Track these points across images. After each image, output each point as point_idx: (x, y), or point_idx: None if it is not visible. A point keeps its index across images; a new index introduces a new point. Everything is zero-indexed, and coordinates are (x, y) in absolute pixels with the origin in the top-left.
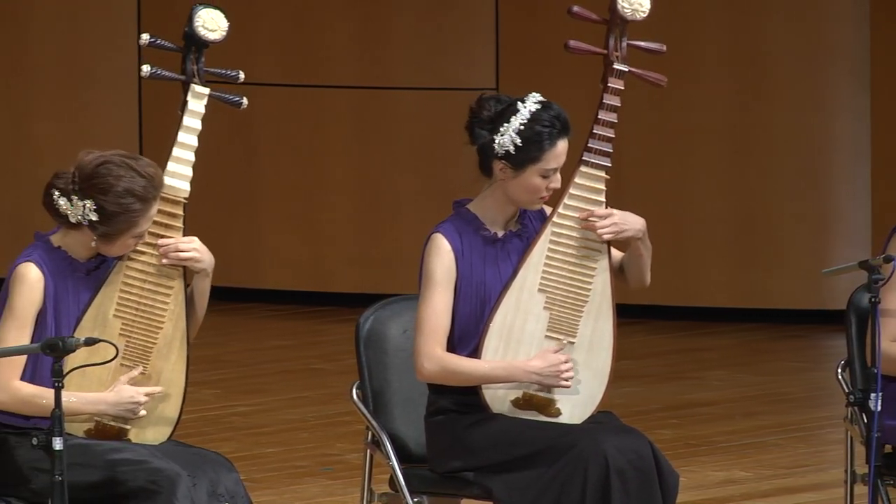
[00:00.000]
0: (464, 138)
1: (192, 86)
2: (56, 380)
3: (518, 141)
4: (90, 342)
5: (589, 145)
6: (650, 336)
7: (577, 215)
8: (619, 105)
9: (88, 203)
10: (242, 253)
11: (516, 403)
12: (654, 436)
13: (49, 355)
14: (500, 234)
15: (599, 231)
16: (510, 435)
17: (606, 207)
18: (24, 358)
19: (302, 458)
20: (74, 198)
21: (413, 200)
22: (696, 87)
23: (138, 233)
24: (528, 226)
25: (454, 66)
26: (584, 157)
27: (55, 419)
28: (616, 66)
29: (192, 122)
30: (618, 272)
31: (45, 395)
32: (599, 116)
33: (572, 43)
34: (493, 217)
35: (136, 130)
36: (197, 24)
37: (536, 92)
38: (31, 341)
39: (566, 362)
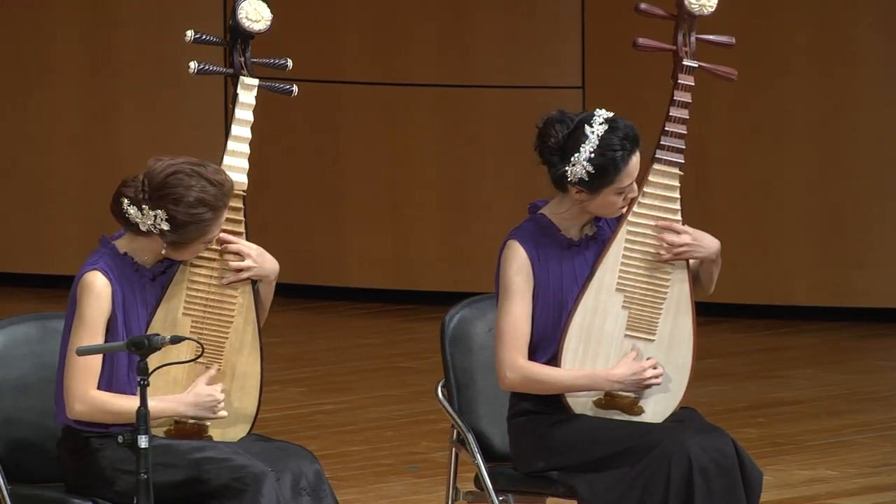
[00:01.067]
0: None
1: (241, 78)
2: (141, 378)
3: (591, 169)
4: (175, 340)
5: (661, 143)
6: (735, 335)
7: (652, 213)
8: (689, 101)
9: (160, 213)
10: (328, 251)
11: (598, 404)
12: (738, 434)
13: (134, 353)
14: (576, 238)
15: (673, 252)
16: (593, 434)
17: (683, 223)
18: (99, 367)
19: (387, 457)
20: (145, 207)
21: (499, 198)
22: (784, 86)
23: (209, 239)
24: (603, 228)
25: (540, 65)
26: (657, 155)
27: (140, 417)
28: (685, 62)
29: (243, 114)
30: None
31: (122, 402)
32: (671, 114)
33: (641, 40)
34: (569, 223)
35: (222, 129)
36: (240, 15)
37: (619, 92)
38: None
39: (652, 368)
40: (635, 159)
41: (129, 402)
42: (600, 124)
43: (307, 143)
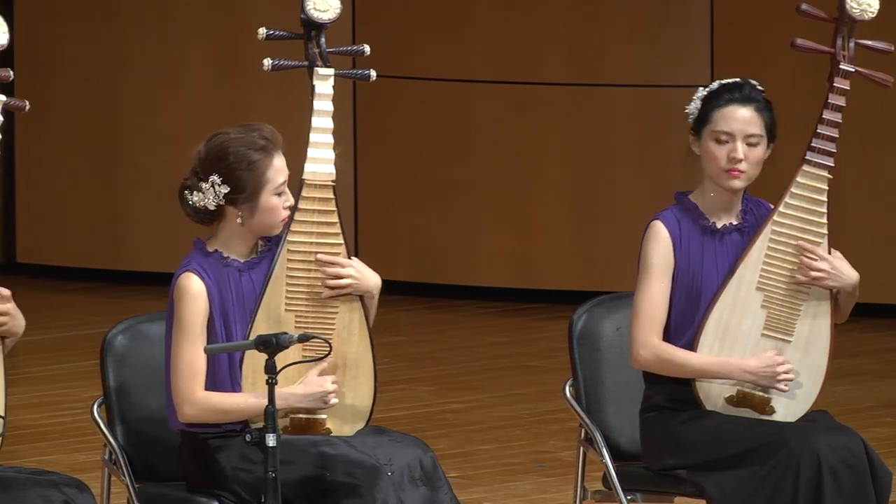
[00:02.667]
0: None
1: (316, 69)
2: (269, 376)
3: (698, 104)
4: (304, 338)
5: (812, 144)
6: (866, 333)
7: (798, 214)
8: (843, 105)
9: (213, 177)
10: (456, 250)
11: (730, 401)
12: (869, 434)
13: (262, 352)
14: (720, 224)
15: (809, 276)
16: (723, 433)
17: (830, 251)
18: (204, 368)
19: (515, 455)
20: (202, 184)
21: (627, 198)
22: None
23: (275, 188)
24: (749, 220)
25: (669, 63)
26: (806, 157)
27: (268, 415)
28: (843, 66)
29: (323, 104)
30: None
31: (230, 400)
32: (824, 116)
33: (799, 41)
34: (713, 207)
35: (348, 126)
36: (308, 6)
37: None
38: None
39: (783, 364)
40: (739, 111)
41: (237, 400)
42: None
43: (435, 142)
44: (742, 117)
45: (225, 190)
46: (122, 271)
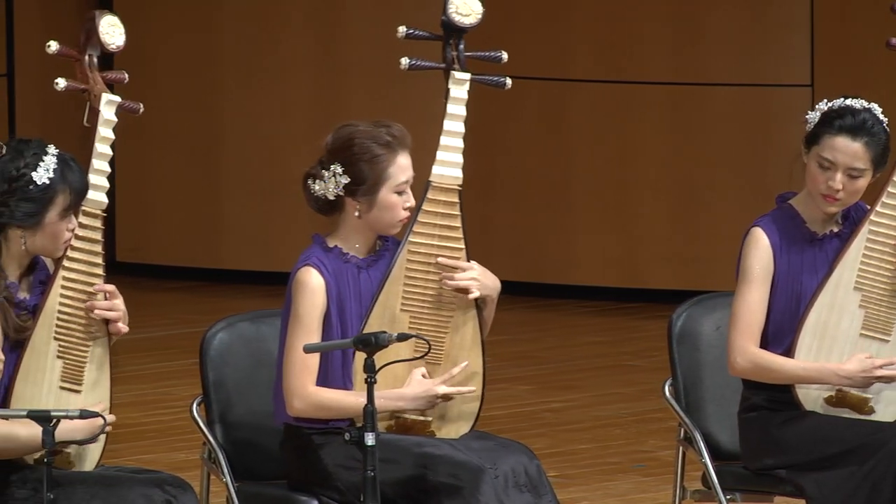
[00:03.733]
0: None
1: (453, 73)
2: (368, 375)
3: (816, 117)
4: (403, 338)
5: None
6: None
7: (895, 213)
8: None
9: (335, 167)
10: (556, 249)
11: (829, 401)
12: None
13: (361, 351)
14: (820, 233)
15: None
16: (822, 433)
17: None
18: (317, 363)
19: (614, 455)
20: (324, 172)
21: (728, 198)
22: None
23: (395, 185)
24: (847, 225)
25: (769, 63)
26: None
27: (367, 414)
28: None
29: (456, 109)
30: None
31: (340, 397)
32: None
33: (894, 41)
34: (814, 215)
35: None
36: (451, 10)
37: (847, 90)
38: None
39: (881, 367)
40: (849, 144)
41: (347, 397)
42: (853, 100)
43: (535, 142)
44: (848, 150)
45: (345, 180)
46: (221, 270)
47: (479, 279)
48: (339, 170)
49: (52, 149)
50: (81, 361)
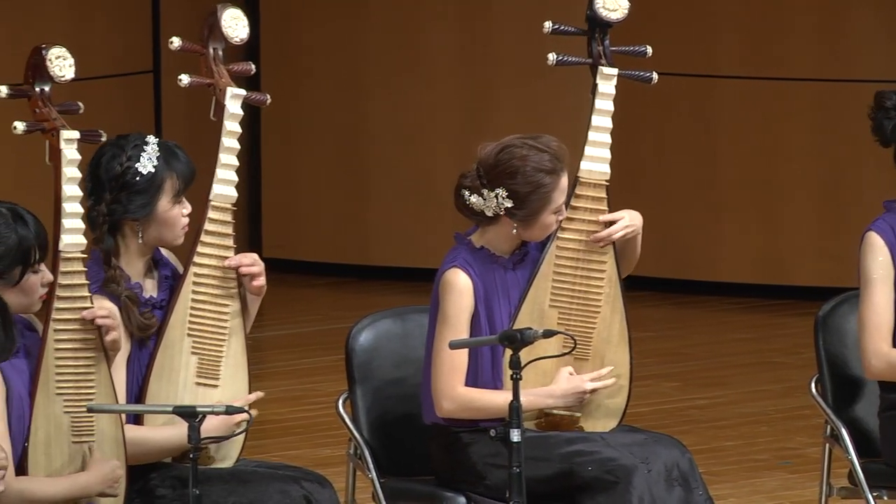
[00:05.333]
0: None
1: (601, 68)
2: (514, 372)
3: None
4: (548, 334)
5: None
6: None
7: None
8: None
9: (500, 191)
10: (701, 246)
11: None
12: None
13: (507, 347)
14: None
15: None
16: None
17: None
18: (465, 364)
19: (761, 452)
20: (485, 191)
21: (873, 194)
22: None
23: (555, 208)
24: None
25: None
26: None
27: (513, 411)
28: None
29: (603, 104)
30: None
31: (490, 397)
32: None
33: None
34: None
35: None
36: (597, 5)
37: None
38: None
39: None
40: None
41: (497, 397)
42: None
43: (680, 138)
44: None
45: (508, 204)
46: (368, 266)
47: (634, 223)
48: (504, 194)
49: (151, 138)
50: (217, 357)
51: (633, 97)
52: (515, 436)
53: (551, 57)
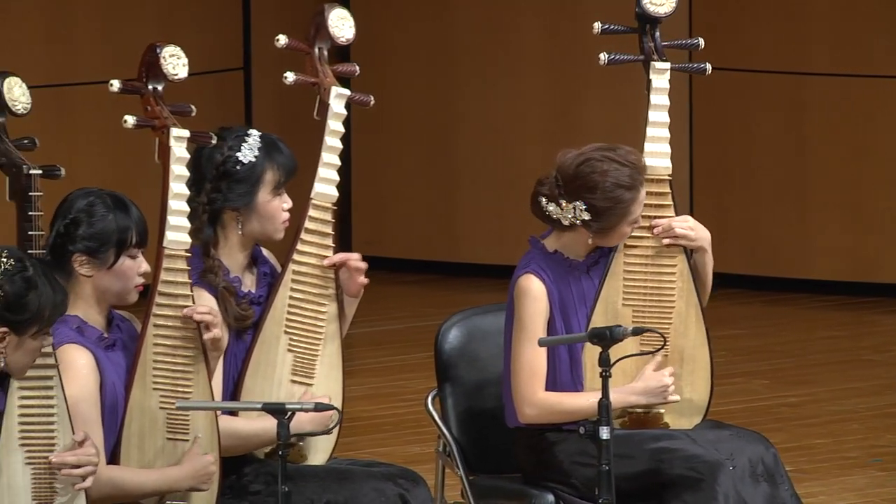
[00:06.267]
0: None
1: (653, 63)
2: (603, 370)
3: None
4: (637, 332)
5: None
6: None
7: None
8: None
9: (578, 204)
10: (792, 243)
11: None
12: None
13: (596, 345)
14: None
15: None
16: None
17: None
18: (544, 369)
19: (851, 450)
20: (563, 202)
21: None
22: None
23: (632, 220)
24: None
25: None
26: None
27: (602, 408)
28: None
29: (659, 99)
30: None
31: (572, 400)
32: None
33: None
34: None
35: (684, 122)
36: (645, 1)
37: None
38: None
39: None
40: None
41: (578, 399)
42: None
43: (771, 135)
44: None
45: (585, 217)
46: (457, 263)
47: (697, 231)
48: (582, 206)
49: (254, 131)
50: (313, 355)
51: (721, 95)
52: (605, 433)
53: (602, 56)
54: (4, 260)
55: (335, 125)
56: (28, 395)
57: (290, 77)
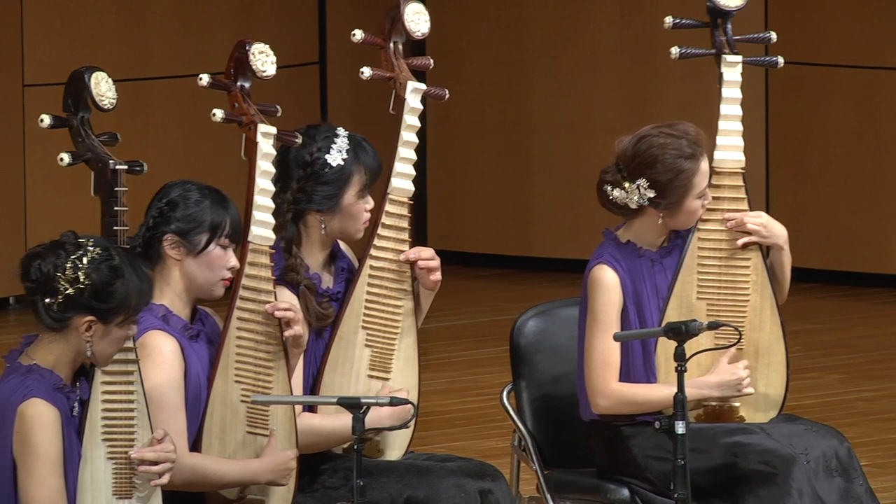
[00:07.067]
0: None
1: (724, 56)
2: (679, 364)
3: None
4: (713, 326)
5: None
6: None
7: None
8: None
9: (641, 182)
10: (868, 238)
11: None
12: None
13: (671, 339)
14: None
15: None
16: None
17: None
18: (618, 360)
19: None
20: (626, 184)
21: None
22: None
23: (699, 193)
24: None
25: None
26: None
27: (677, 403)
28: None
29: (731, 92)
30: None
31: (648, 392)
32: None
33: None
34: None
35: (763, 116)
36: None
37: None
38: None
39: None
40: None
41: (651, 391)
42: None
43: (846, 129)
44: None
45: (650, 194)
46: (532, 258)
47: (768, 225)
48: (645, 184)
49: (342, 131)
50: (390, 349)
51: (797, 89)
52: (680, 427)
53: (674, 50)
54: (91, 248)
55: (411, 119)
56: (111, 389)
57: (366, 72)
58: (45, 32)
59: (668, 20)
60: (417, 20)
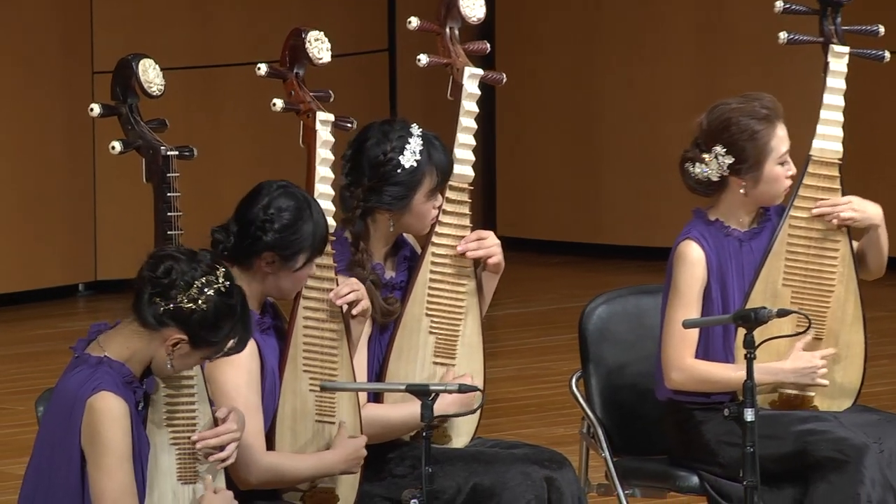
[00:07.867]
0: None
1: (832, 46)
2: (748, 351)
3: None
4: (783, 313)
5: None
6: None
7: None
8: None
9: (718, 149)
10: None
11: None
12: None
13: (741, 326)
14: None
15: None
16: None
17: None
18: (695, 336)
19: None
20: (705, 155)
21: None
22: None
23: (779, 157)
24: None
25: None
26: None
27: (747, 390)
28: None
29: (835, 82)
30: None
31: (721, 371)
32: None
33: None
34: None
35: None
36: None
37: None
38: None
39: None
40: None
41: (727, 370)
42: None
43: None
44: None
45: (729, 161)
46: (601, 245)
47: (858, 209)
48: (721, 150)
49: (416, 129)
50: (454, 336)
51: (871, 79)
52: (749, 415)
53: (782, 35)
54: (221, 279)
55: (469, 105)
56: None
57: (423, 59)
58: (115, 20)
59: (779, 5)
60: (473, 5)
